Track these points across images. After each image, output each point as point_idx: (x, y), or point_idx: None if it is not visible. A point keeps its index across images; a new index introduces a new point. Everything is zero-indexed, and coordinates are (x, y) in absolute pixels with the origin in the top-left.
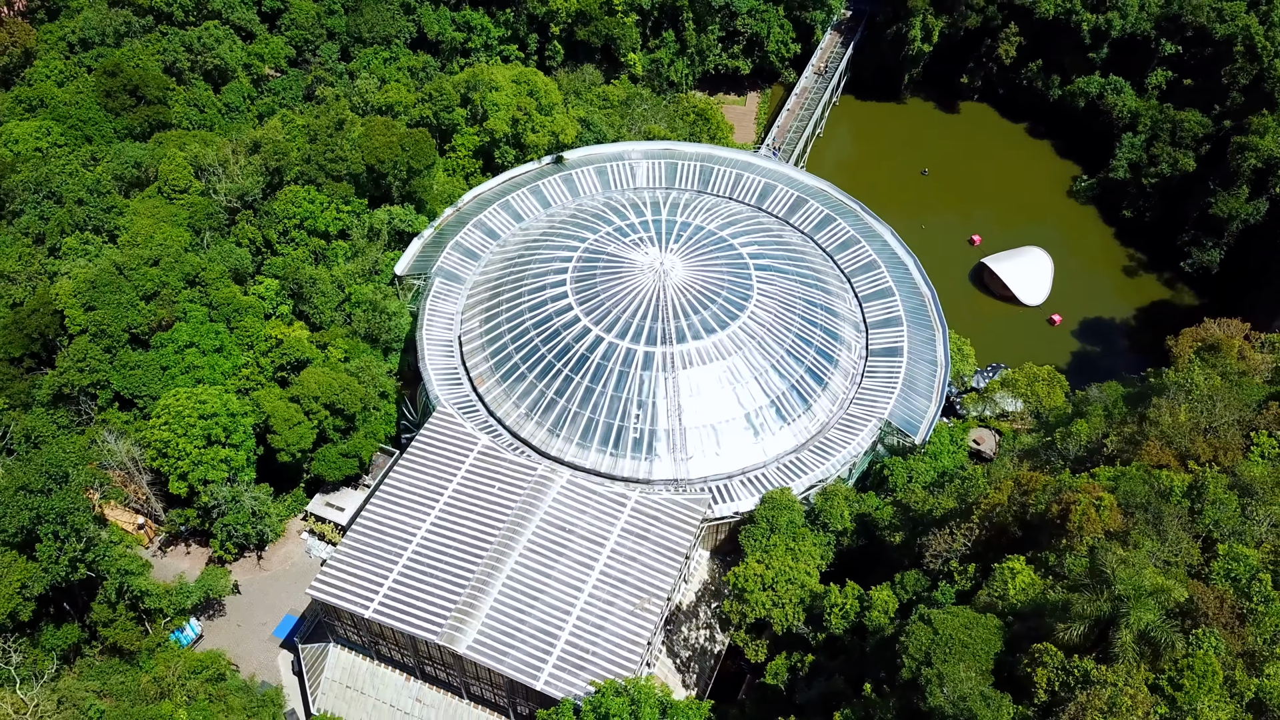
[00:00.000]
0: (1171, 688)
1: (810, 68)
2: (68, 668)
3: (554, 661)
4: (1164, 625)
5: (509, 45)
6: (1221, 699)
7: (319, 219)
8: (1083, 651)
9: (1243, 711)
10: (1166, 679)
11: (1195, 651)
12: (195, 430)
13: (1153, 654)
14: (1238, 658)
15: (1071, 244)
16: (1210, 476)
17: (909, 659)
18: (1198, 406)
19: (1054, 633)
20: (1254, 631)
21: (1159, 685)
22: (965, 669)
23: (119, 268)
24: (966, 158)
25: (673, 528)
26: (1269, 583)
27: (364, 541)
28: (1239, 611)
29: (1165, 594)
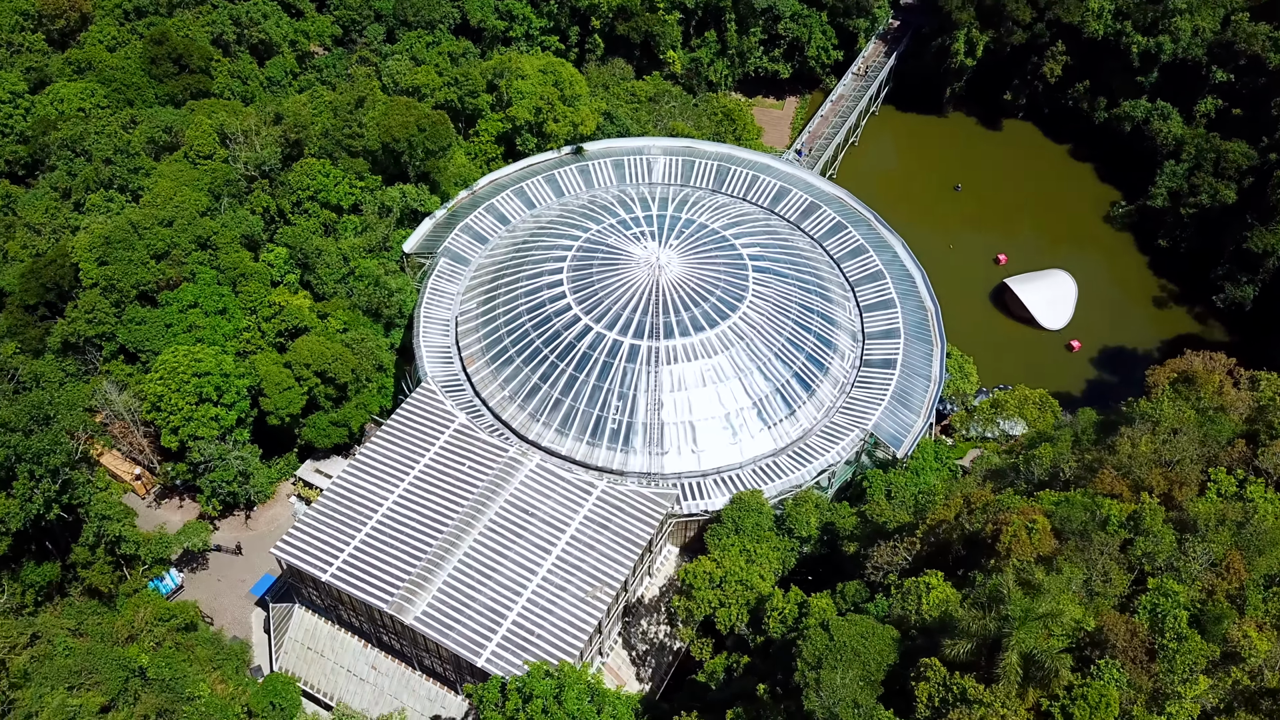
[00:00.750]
0: (1062, 715)
1: (849, 75)
2: (50, 606)
3: (498, 640)
4: (1050, 650)
5: (550, 36)
6: None
7: (331, 192)
8: (974, 669)
9: None
10: (1058, 706)
11: (1092, 681)
12: (188, 387)
13: (1041, 679)
14: (1140, 693)
15: (1102, 270)
16: (1149, 509)
17: (801, 663)
18: (1160, 439)
19: (942, 648)
20: (1164, 669)
21: (1049, 712)
22: (849, 676)
23: (134, 226)
24: (1004, 176)
25: (635, 519)
26: (1184, 620)
27: (332, 507)
28: (1150, 647)
29: (1056, 618)
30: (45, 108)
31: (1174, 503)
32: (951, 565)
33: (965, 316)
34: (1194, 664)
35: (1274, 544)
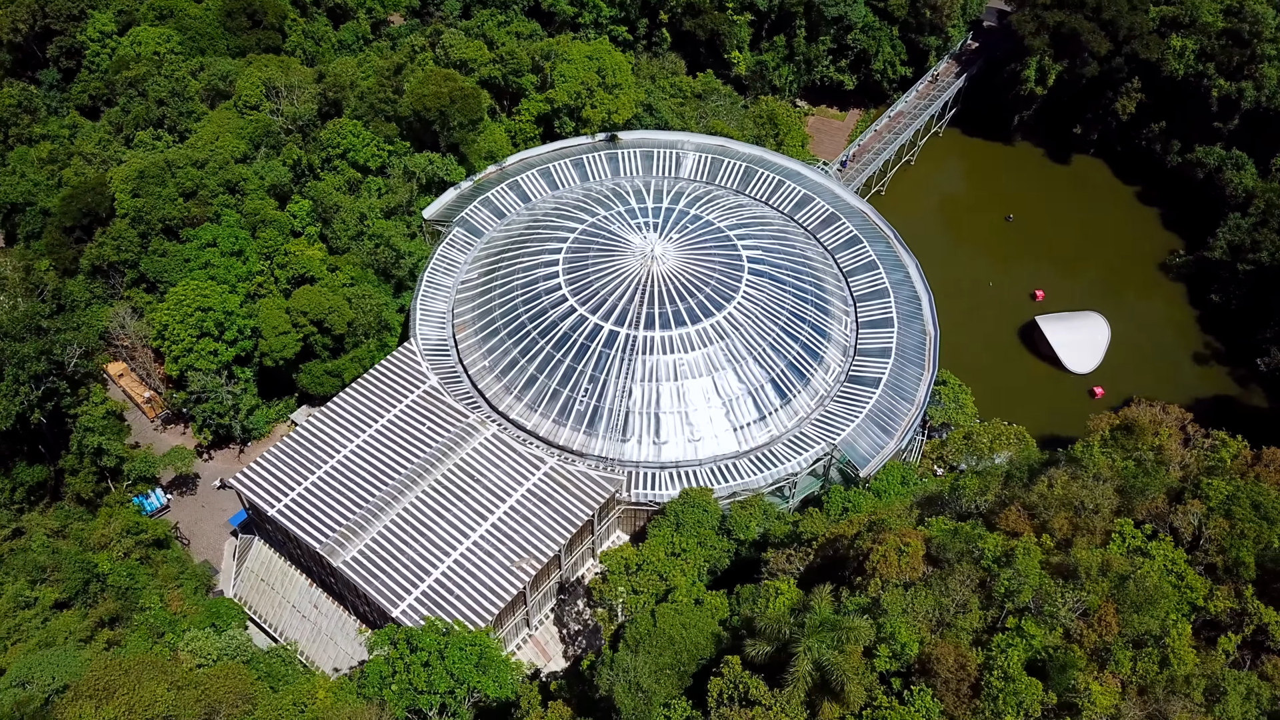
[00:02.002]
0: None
1: (913, 92)
2: (42, 506)
3: (417, 594)
4: (840, 661)
5: (619, 26)
6: None
7: (360, 152)
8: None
9: None
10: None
11: (896, 705)
12: (191, 320)
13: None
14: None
15: (1146, 319)
16: (1022, 548)
17: (622, 644)
18: (1079, 484)
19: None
20: (987, 706)
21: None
22: (647, 660)
23: (168, 164)
24: (1062, 211)
25: (576, 499)
26: (1016, 661)
27: (294, 448)
28: (976, 682)
29: (847, 631)
30: (125, 49)
31: (1058, 546)
32: (840, 578)
33: (989, 350)
34: (1023, 707)
35: (1153, 602)
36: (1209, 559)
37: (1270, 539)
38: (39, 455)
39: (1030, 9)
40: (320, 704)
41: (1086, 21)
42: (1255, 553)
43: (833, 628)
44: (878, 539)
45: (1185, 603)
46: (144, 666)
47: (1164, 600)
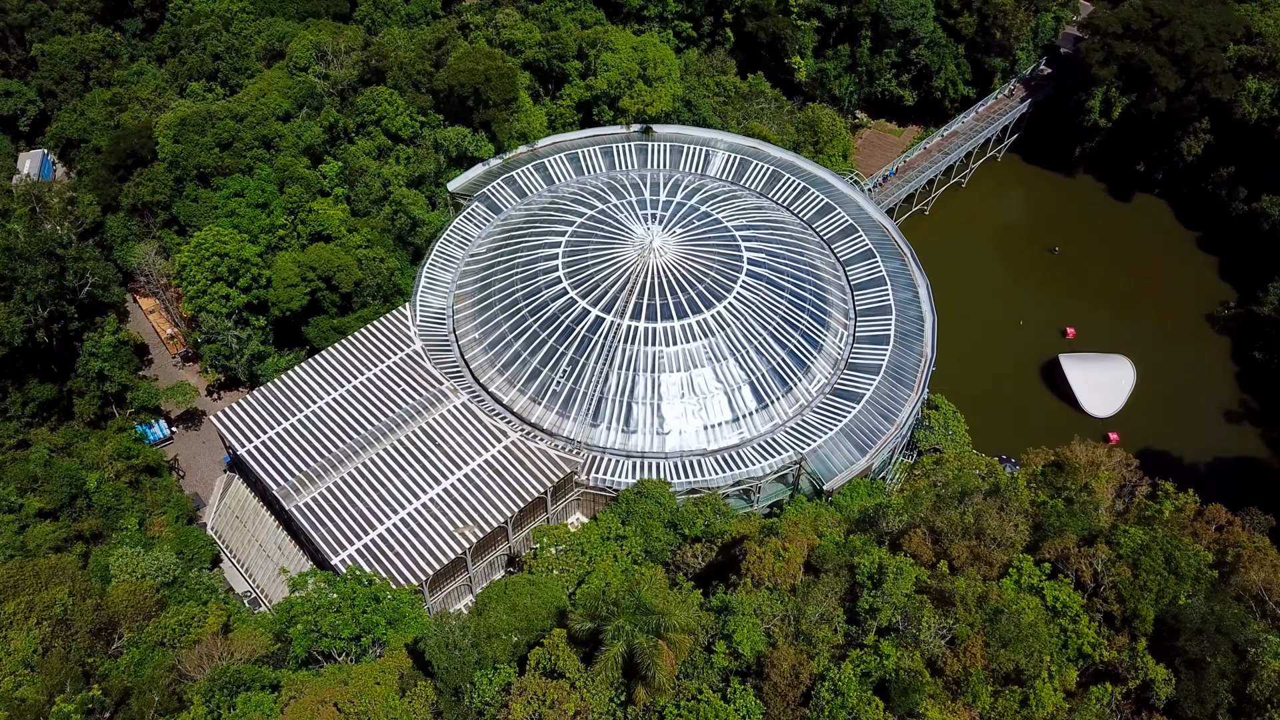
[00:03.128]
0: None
1: (971, 113)
2: (52, 423)
3: (359, 547)
4: (647, 646)
5: (684, 22)
6: None
7: (392, 120)
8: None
9: None
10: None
11: (714, 700)
12: (208, 263)
13: (647, 678)
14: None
15: (1181, 369)
16: (895, 569)
17: (472, 612)
18: (989, 515)
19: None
20: (814, 715)
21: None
22: (489, 626)
23: (209, 114)
24: (1114, 250)
25: (530, 474)
26: (849, 676)
27: (276, 393)
28: (807, 691)
29: (662, 618)
30: (201, 4)
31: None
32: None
33: (1008, 382)
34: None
35: (1021, 640)
36: (1109, 607)
37: (1178, 593)
38: (51, 375)
39: (1100, 37)
40: (209, 626)
41: (1158, 55)
42: (1159, 606)
43: (647, 613)
44: (763, 542)
45: (1073, 648)
46: (54, 572)
47: (1035, 640)
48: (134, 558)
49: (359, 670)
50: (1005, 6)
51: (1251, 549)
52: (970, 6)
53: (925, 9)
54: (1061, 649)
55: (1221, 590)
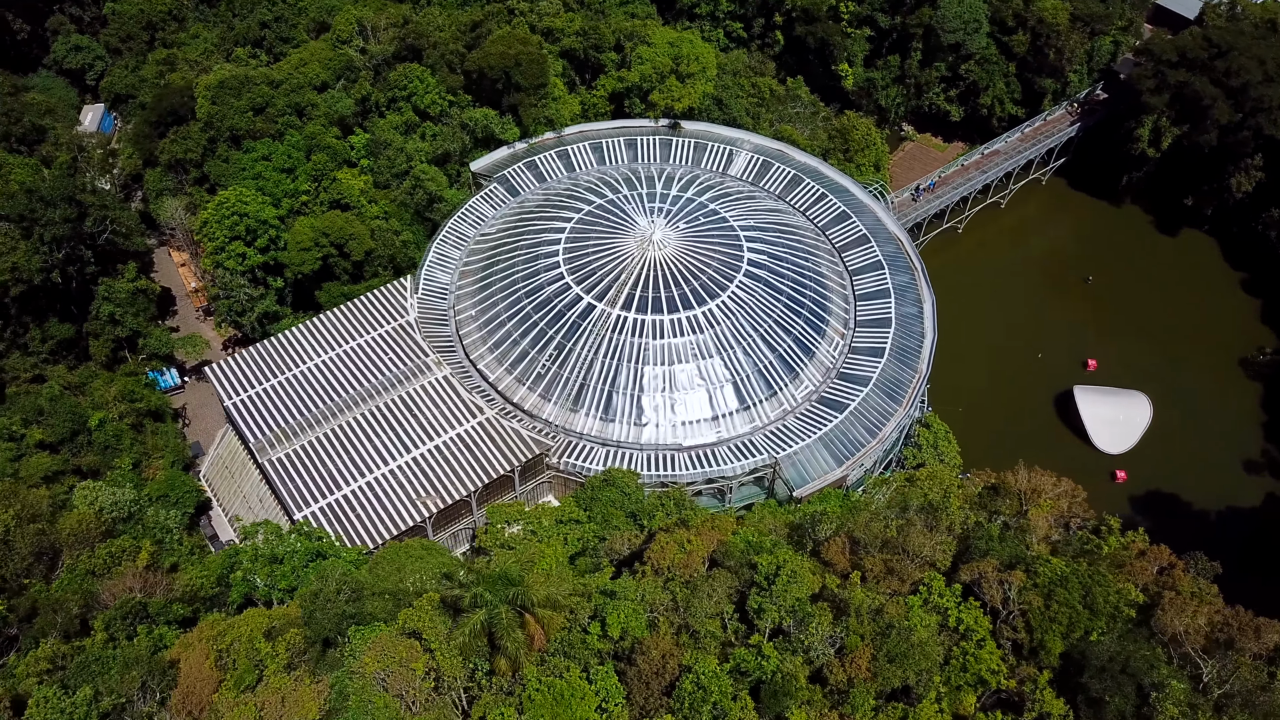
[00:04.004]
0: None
1: (1016, 133)
2: (69, 361)
3: (322, 505)
4: (505, 619)
5: (735, 22)
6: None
7: (421, 97)
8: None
9: None
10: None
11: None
12: (228, 221)
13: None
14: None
15: (1204, 413)
16: (789, 572)
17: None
18: (913, 530)
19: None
20: (675, 705)
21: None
22: (369, 584)
23: (247, 79)
24: (1152, 285)
25: (498, 452)
26: (710, 671)
27: (270, 350)
28: (672, 683)
29: (524, 591)
30: None
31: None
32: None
33: (1019, 409)
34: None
35: (910, 657)
36: (1017, 635)
37: (1091, 629)
38: (71, 316)
39: (1153, 63)
40: (139, 561)
41: (1212, 86)
42: (1069, 640)
43: (509, 584)
44: (672, 532)
45: (972, 672)
46: (3, 497)
47: (923, 658)
48: (94, 490)
49: (250, 613)
50: (1059, 27)
51: (1189, 593)
52: (1025, 25)
53: (979, 24)
54: (961, 672)
55: (1137, 631)
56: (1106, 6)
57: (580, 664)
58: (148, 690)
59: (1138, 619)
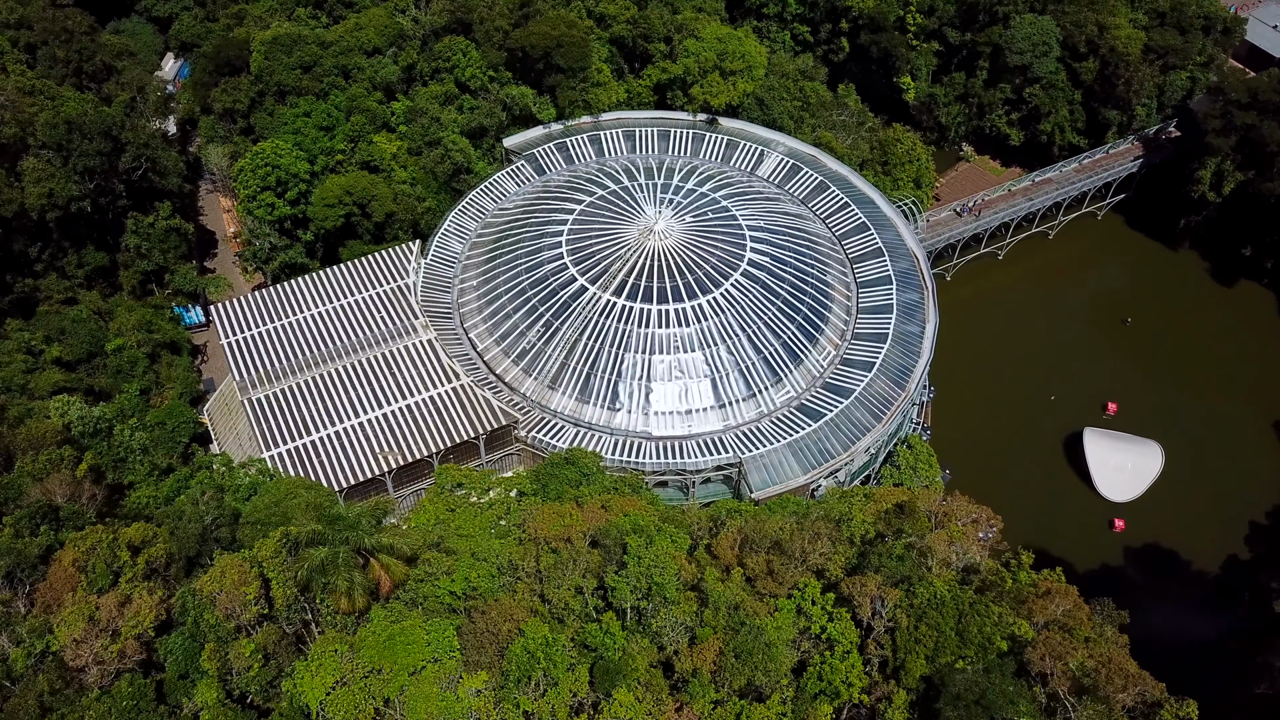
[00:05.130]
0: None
1: (1073, 163)
2: (104, 291)
3: (291, 447)
4: (338, 559)
5: (802, 25)
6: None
7: (463, 70)
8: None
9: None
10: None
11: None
12: (261, 171)
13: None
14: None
15: (1225, 473)
16: (635, 556)
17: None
18: (804, 535)
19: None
20: (506, 666)
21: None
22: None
23: (298, 37)
24: (1196, 334)
25: (466, 418)
26: (539, 638)
27: (273, 296)
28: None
29: (353, 533)
30: None
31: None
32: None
33: (1025, 447)
34: (556, 685)
35: (754, 655)
36: (884, 653)
37: (960, 656)
38: (107, 246)
39: (1222, 102)
40: (79, 470)
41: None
42: (934, 664)
43: (349, 526)
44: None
45: (827, 682)
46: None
47: (770, 660)
48: (67, 404)
49: (135, 526)
50: (1130, 57)
51: (1083, 637)
52: (1095, 52)
53: (1049, 48)
54: (817, 680)
55: (1005, 665)
56: (1185, 40)
57: (427, 614)
58: (16, 581)
59: (1018, 655)
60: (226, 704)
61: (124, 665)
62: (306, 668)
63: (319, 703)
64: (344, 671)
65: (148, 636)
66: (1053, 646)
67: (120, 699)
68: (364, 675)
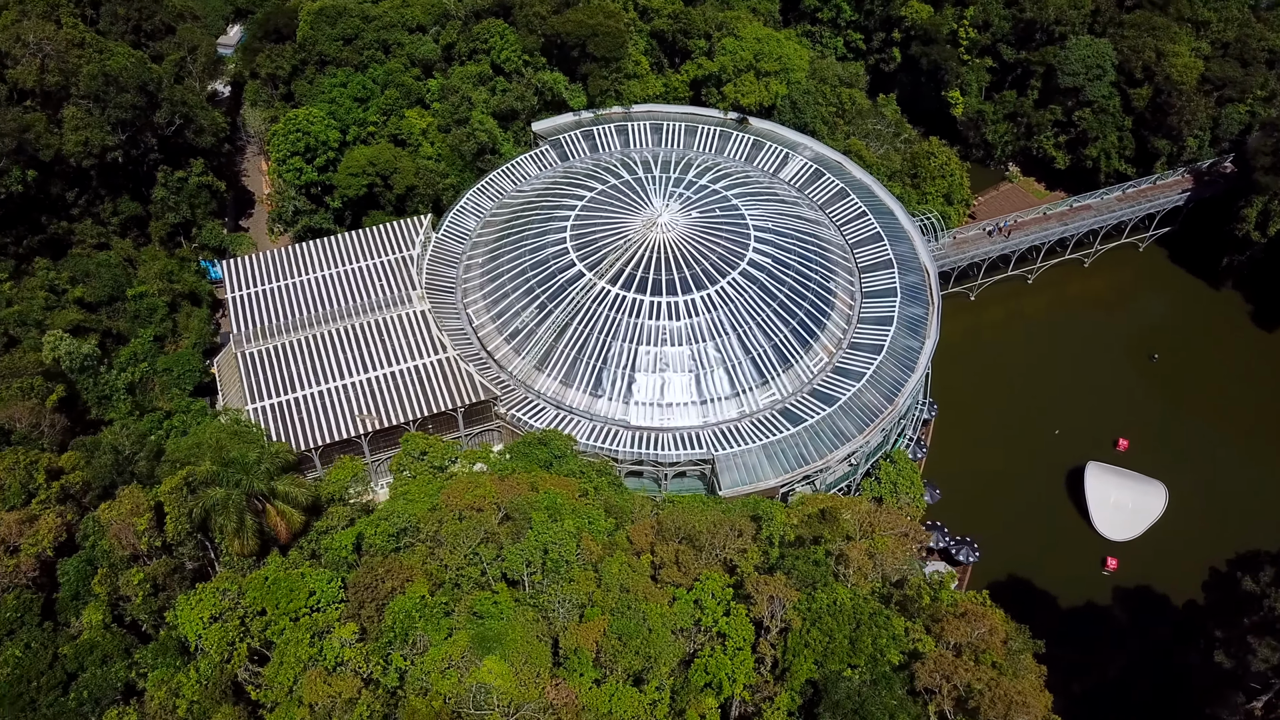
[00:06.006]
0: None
1: (1115, 191)
2: (136, 240)
3: (273, 402)
4: (234, 504)
5: (855, 32)
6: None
7: (499, 52)
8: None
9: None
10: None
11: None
12: (292, 136)
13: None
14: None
15: (1232, 519)
16: (553, 534)
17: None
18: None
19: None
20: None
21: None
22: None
23: (343, 9)
24: (1227, 377)
25: (446, 390)
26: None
27: (282, 257)
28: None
29: (244, 477)
30: None
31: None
32: None
33: (1026, 477)
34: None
35: (635, 638)
36: (775, 653)
37: (851, 663)
38: (142, 197)
39: (1274, 139)
40: (49, 401)
41: None
42: (822, 670)
43: (243, 470)
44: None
45: (713, 675)
46: None
47: (649, 646)
48: (58, 339)
49: (66, 456)
50: (1185, 86)
51: (990, 662)
52: (1151, 79)
53: (1103, 71)
54: (703, 672)
55: (896, 678)
56: (1247, 72)
57: (326, 566)
58: None
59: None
60: (113, 628)
61: (18, 580)
62: (187, 600)
63: (196, 635)
64: (222, 608)
65: (47, 557)
66: (942, 665)
67: (4, 610)
68: (245, 615)
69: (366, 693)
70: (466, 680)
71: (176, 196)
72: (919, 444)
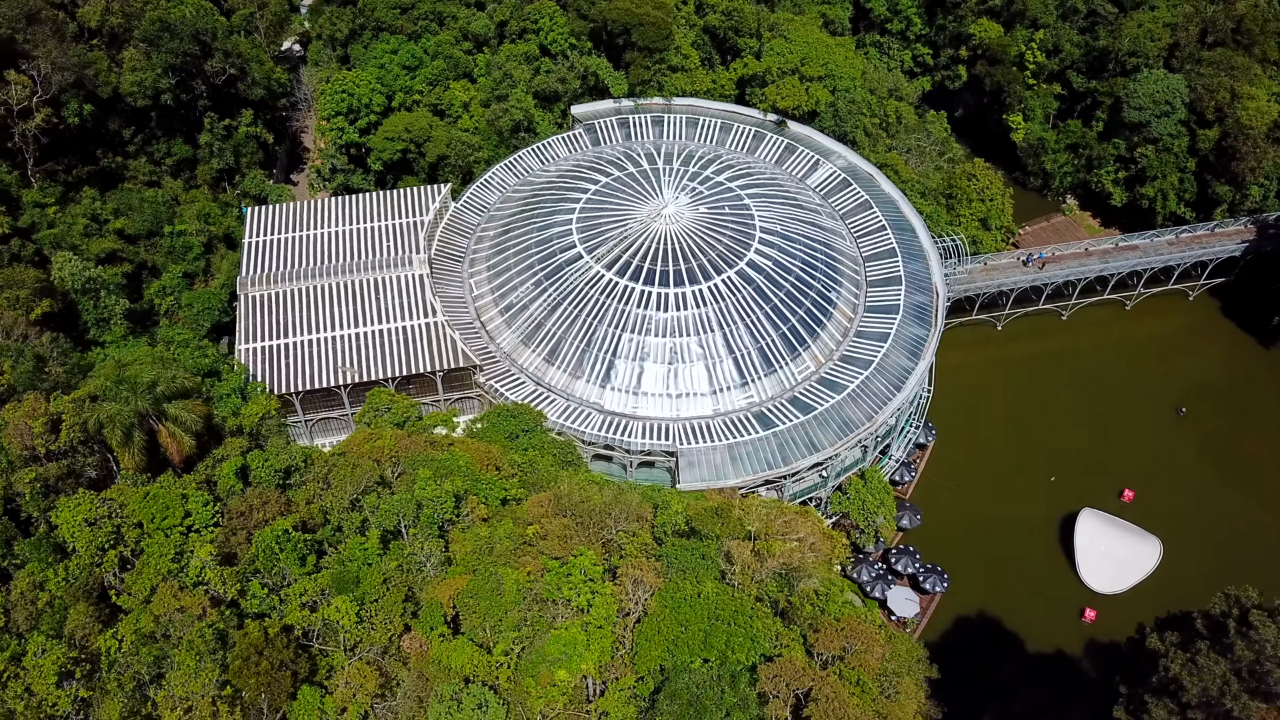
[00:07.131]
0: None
1: (1168, 234)
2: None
3: (264, 345)
4: (124, 419)
5: (923, 46)
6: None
7: (546, 34)
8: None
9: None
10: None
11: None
12: (337, 97)
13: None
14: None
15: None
16: (411, 489)
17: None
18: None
19: None
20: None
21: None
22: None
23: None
24: (1257, 440)
25: (428, 353)
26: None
27: (301, 210)
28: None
29: (143, 396)
30: None
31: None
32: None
33: (1024, 517)
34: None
35: (483, 599)
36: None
37: (698, 658)
38: (193, 142)
39: None
40: (34, 314)
41: None
42: (673, 658)
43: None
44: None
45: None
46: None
47: (500, 611)
48: (68, 259)
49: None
50: (1254, 132)
51: (854, 679)
52: (1222, 120)
53: (1172, 109)
54: (559, 646)
55: (745, 676)
56: None
57: (215, 492)
58: None
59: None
60: (3, 520)
61: None
62: (68, 503)
63: (71, 534)
64: (99, 514)
65: None
66: (785, 670)
67: None
68: (121, 525)
69: (213, 612)
70: (315, 616)
71: (222, 144)
72: (908, 466)
